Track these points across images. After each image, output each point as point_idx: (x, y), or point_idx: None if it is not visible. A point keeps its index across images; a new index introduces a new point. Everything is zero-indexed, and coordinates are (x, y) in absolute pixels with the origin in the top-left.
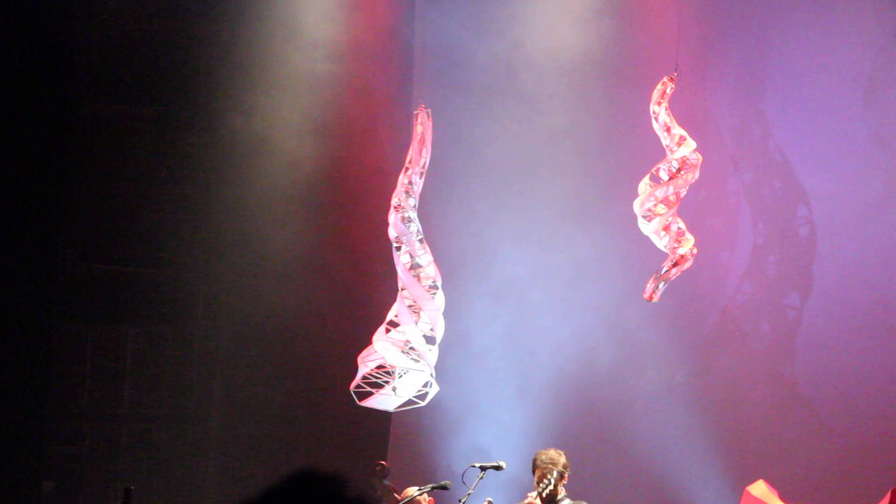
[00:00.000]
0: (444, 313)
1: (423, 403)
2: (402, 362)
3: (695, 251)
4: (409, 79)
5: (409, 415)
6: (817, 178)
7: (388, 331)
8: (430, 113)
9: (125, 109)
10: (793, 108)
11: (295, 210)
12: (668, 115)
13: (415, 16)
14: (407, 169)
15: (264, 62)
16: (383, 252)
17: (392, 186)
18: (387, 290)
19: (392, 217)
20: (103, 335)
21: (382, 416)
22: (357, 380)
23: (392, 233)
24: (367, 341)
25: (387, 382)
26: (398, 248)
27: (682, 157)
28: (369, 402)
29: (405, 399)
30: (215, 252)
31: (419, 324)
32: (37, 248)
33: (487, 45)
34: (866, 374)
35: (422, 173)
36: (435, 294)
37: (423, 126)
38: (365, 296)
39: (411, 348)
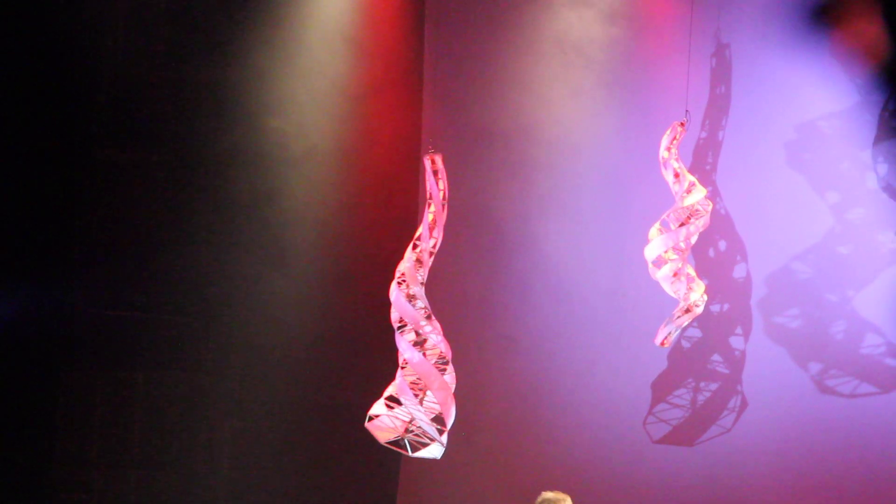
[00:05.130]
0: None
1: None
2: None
3: (705, 297)
4: (419, 133)
5: (421, 462)
6: (822, 227)
7: (389, 407)
8: (440, 158)
9: (138, 155)
10: (804, 154)
11: (306, 264)
12: (678, 161)
13: (423, 65)
14: (416, 246)
15: (277, 108)
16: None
17: (398, 251)
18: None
19: (394, 293)
20: (112, 381)
21: (392, 463)
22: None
23: (394, 315)
24: (379, 388)
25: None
26: (401, 327)
27: (690, 206)
28: (420, 453)
29: (444, 445)
30: (225, 300)
31: (424, 403)
32: (46, 293)
33: (498, 89)
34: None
35: (431, 253)
36: (444, 370)
37: (435, 206)
38: (375, 348)
39: (416, 434)
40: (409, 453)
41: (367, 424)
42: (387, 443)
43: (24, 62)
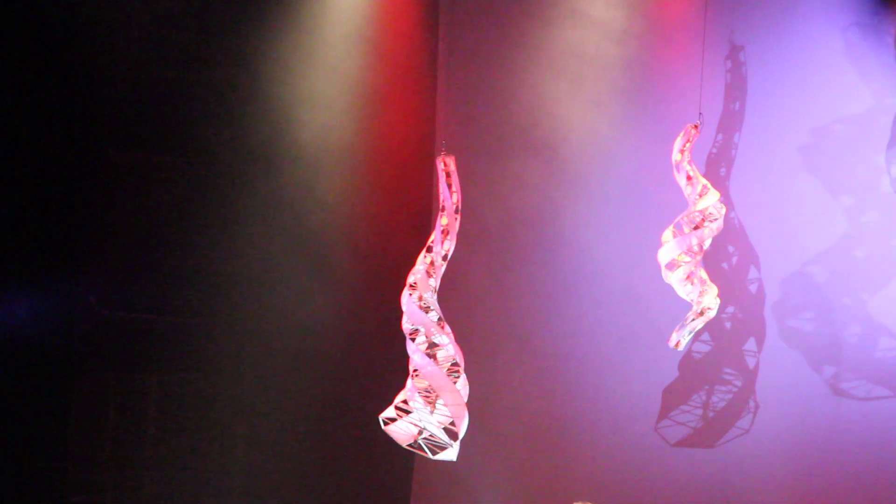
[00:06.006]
0: (470, 373)
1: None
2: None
3: (718, 301)
4: (433, 134)
5: (434, 464)
6: (837, 230)
7: (400, 412)
8: (453, 161)
9: (149, 157)
10: (818, 158)
11: (320, 266)
12: (691, 165)
13: (437, 68)
14: (430, 249)
15: (293, 110)
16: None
17: (413, 253)
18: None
19: (405, 300)
20: (126, 383)
21: (406, 465)
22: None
23: (406, 323)
24: (393, 390)
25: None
26: (412, 333)
27: (703, 209)
28: (440, 455)
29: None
30: (239, 302)
31: (435, 413)
32: (60, 295)
33: (511, 93)
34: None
35: (445, 258)
36: (457, 378)
37: (448, 213)
38: (389, 350)
39: (430, 436)
40: (431, 456)
41: (385, 428)
42: (408, 446)
43: (37, 63)
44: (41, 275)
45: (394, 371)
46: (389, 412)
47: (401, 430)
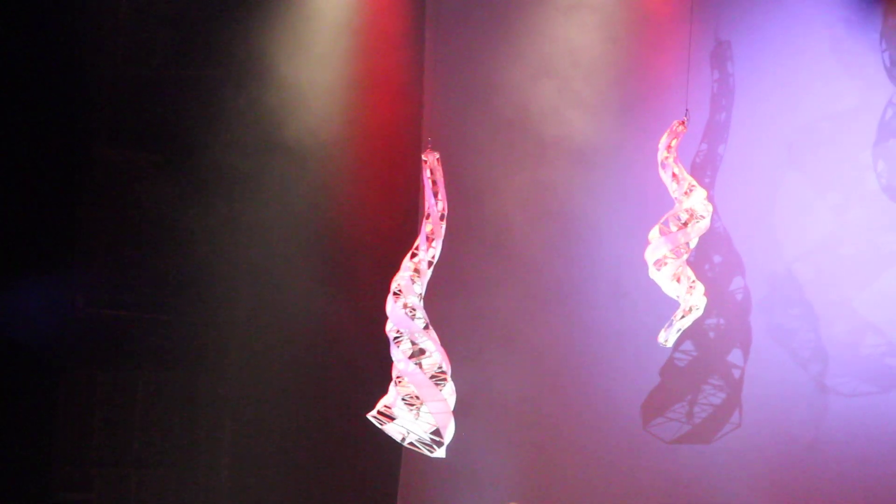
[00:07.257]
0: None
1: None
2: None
3: (705, 299)
4: (419, 130)
5: (421, 462)
6: (824, 228)
7: (382, 416)
8: (438, 159)
9: (135, 156)
10: (804, 155)
11: (308, 264)
12: (677, 163)
13: (424, 60)
14: (413, 255)
15: (273, 113)
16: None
17: (401, 251)
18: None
19: (390, 306)
20: (113, 381)
21: (393, 462)
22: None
23: (390, 326)
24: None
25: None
26: (397, 339)
27: (689, 208)
28: (437, 453)
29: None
30: (225, 300)
31: (420, 418)
32: (46, 294)
33: (497, 90)
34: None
35: (430, 263)
36: (443, 385)
37: (433, 220)
38: (376, 348)
39: (417, 440)
40: (429, 454)
41: (381, 427)
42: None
43: (27, 62)
44: (27, 273)
45: (381, 370)
46: (374, 414)
47: (393, 430)
